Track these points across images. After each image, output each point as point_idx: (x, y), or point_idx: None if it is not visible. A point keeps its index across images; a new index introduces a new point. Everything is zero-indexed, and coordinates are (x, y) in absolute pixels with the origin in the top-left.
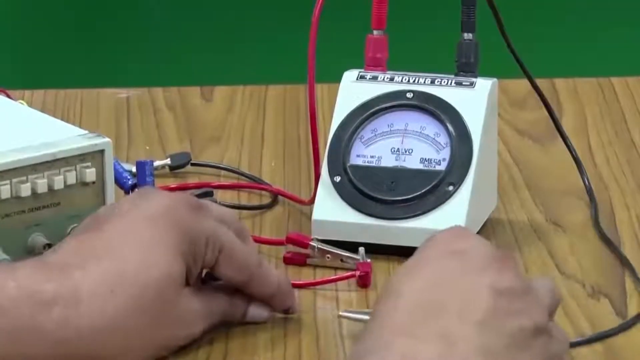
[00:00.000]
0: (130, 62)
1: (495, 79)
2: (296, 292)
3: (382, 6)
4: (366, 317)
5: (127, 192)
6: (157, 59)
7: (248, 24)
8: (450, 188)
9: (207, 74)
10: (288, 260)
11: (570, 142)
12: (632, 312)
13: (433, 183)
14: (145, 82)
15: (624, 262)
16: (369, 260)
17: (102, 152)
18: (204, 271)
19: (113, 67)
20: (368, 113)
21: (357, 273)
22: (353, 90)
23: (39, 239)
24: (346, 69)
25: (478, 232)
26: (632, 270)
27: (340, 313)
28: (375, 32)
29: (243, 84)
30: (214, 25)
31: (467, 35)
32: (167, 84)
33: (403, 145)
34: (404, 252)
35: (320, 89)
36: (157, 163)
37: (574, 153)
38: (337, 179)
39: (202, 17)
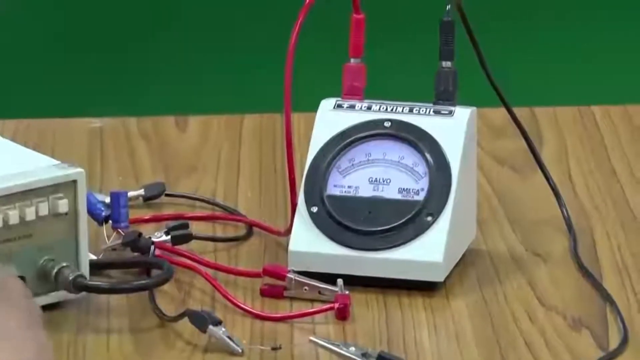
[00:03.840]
0: (104, 92)
1: (474, 108)
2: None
3: (359, 34)
4: (336, 348)
5: (100, 224)
6: (131, 90)
7: (224, 53)
8: (429, 218)
9: (181, 104)
10: (265, 293)
11: (548, 173)
12: (613, 343)
13: (411, 213)
14: (119, 112)
15: (603, 294)
16: (347, 292)
17: (74, 182)
18: None
19: (86, 97)
20: (345, 142)
21: (336, 305)
22: (330, 119)
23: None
24: (323, 98)
25: (457, 263)
26: (612, 302)
27: (311, 338)
28: (352, 60)
29: (218, 113)
30: (189, 55)
31: (446, 63)
32: (141, 114)
33: (381, 175)
34: (382, 284)
35: (297, 118)
36: (131, 194)
37: (552, 184)
38: (314, 209)
39: (177, 46)
